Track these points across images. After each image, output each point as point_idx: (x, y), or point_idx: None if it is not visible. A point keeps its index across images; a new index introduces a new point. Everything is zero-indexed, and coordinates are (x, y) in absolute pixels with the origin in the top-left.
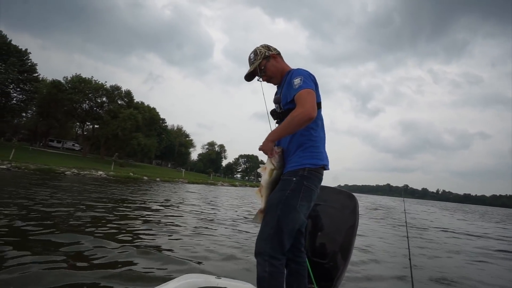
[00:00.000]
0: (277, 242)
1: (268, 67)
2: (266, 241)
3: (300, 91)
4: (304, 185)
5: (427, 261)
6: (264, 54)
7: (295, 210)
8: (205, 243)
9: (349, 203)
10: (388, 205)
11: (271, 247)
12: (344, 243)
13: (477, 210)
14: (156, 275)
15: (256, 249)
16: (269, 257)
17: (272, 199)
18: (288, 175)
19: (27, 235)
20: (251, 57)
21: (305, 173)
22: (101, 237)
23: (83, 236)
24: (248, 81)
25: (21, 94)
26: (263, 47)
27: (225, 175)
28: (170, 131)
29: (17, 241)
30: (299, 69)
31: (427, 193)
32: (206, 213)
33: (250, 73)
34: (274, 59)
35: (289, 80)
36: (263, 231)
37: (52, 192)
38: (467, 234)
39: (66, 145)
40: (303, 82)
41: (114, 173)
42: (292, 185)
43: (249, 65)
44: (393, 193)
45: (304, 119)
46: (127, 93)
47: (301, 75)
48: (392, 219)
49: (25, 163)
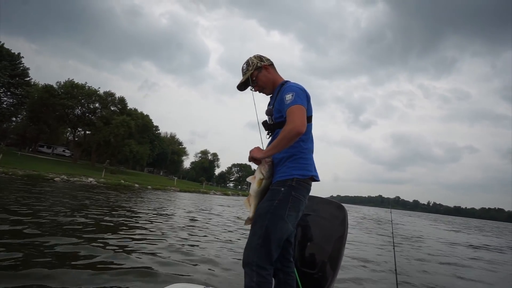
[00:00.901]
0: (265, 252)
1: (259, 78)
2: (254, 251)
3: (291, 107)
4: (292, 195)
5: (412, 267)
6: (256, 65)
7: (283, 220)
8: (197, 252)
9: (338, 214)
10: (378, 216)
11: (258, 257)
12: (333, 254)
13: (473, 224)
14: (143, 285)
15: (244, 259)
16: (256, 267)
17: (260, 208)
18: (277, 185)
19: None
20: (243, 67)
21: (293, 183)
22: (92, 244)
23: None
24: (241, 91)
25: (12, 98)
26: (255, 57)
27: (217, 183)
28: (163, 139)
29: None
30: (291, 85)
31: (418, 205)
32: (200, 221)
33: (242, 83)
34: (266, 70)
35: (281, 96)
36: (251, 240)
37: (35, 198)
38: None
39: (56, 151)
40: (294, 98)
41: (104, 180)
42: (280, 195)
43: (242, 75)
44: (385, 204)
45: (293, 134)
46: (121, 99)
47: (292, 91)
48: (384, 230)
49: (13, 168)
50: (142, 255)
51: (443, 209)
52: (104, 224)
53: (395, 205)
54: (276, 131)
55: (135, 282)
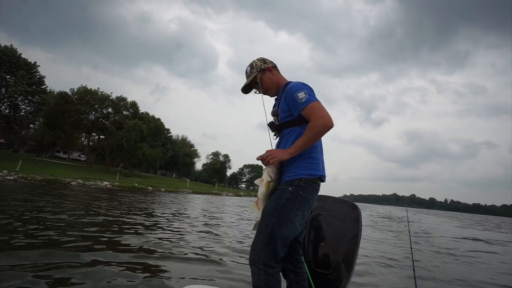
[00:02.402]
0: (270, 250)
1: (263, 80)
2: (259, 250)
3: (311, 104)
4: (300, 195)
5: (431, 268)
6: (260, 67)
7: (290, 219)
8: (210, 254)
9: (352, 213)
10: (392, 215)
11: (264, 256)
12: (348, 254)
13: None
14: (158, 284)
15: (250, 257)
16: (263, 265)
17: (267, 207)
18: (285, 185)
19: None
20: (247, 70)
21: (301, 183)
22: (113, 245)
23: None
24: (245, 94)
25: (29, 106)
26: (259, 60)
27: (229, 185)
28: (175, 141)
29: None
30: (297, 83)
31: (435, 203)
32: (213, 220)
33: (246, 86)
34: (269, 72)
35: (291, 95)
36: (257, 239)
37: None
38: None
39: (72, 156)
40: (310, 95)
41: (119, 184)
42: (287, 194)
43: (246, 78)
44: (400, 202)
45: (327, 128)
46: (133, 103)
47: (302, 89)
48: (399, 231)
49: (32, 173)
50: (160, 253)
51: (461, 207)
52: (126, 223)
53: (411, 203)
54: (283, 132)
55: (148, 281)
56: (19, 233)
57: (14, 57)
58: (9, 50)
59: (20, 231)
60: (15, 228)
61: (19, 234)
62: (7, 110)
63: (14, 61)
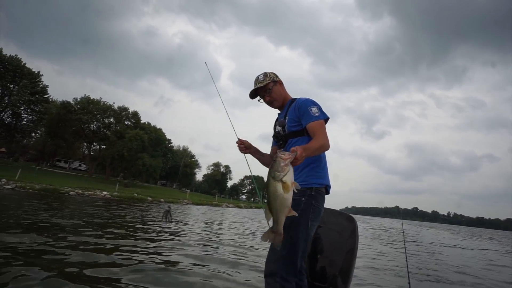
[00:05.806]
0: (290, 263)
1: (274, 90)
2: (278, 262)
3: (322, 121)
4: (313, 205)
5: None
6: (273, 78)
7: (306, 231)
8: (215, 267)
9: (348, 225)
10: (394, 227)
11: (284, 269)
12: (344, 267)
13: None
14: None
15: (267, 270)
16: (281, 278)
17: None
18: (297, 195)
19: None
20: (260, 77)
21: (312, 192)
22: (118, 253)
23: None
24: (252, 99)
25: (32, 115)
26: (272, 72)
27: (230, 196)
28: (175, 152)
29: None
30: (310, 99)
31: (438, 216)
32: (212, 233)
33: (254, 91)
34: (280, 85)
35: (304, 108)
36: (275, 252)
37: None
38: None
39: (72, 165)
40: (321, 113)
41: (118, 194)
42: (302, 205)
43: (255, 84)
44: (403, 215)
45: (327, 147)
46: (134, 114)
47: (316, 105)
48: (398, 242)
49: (30, 183)
50: (164, 263)
51: (465, 220)
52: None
53: (413, 216)
54: (289, 141)
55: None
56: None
57: (18, 66)
58: (14, 59)
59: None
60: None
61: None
62: (9, 118)
63: (18, 71)
